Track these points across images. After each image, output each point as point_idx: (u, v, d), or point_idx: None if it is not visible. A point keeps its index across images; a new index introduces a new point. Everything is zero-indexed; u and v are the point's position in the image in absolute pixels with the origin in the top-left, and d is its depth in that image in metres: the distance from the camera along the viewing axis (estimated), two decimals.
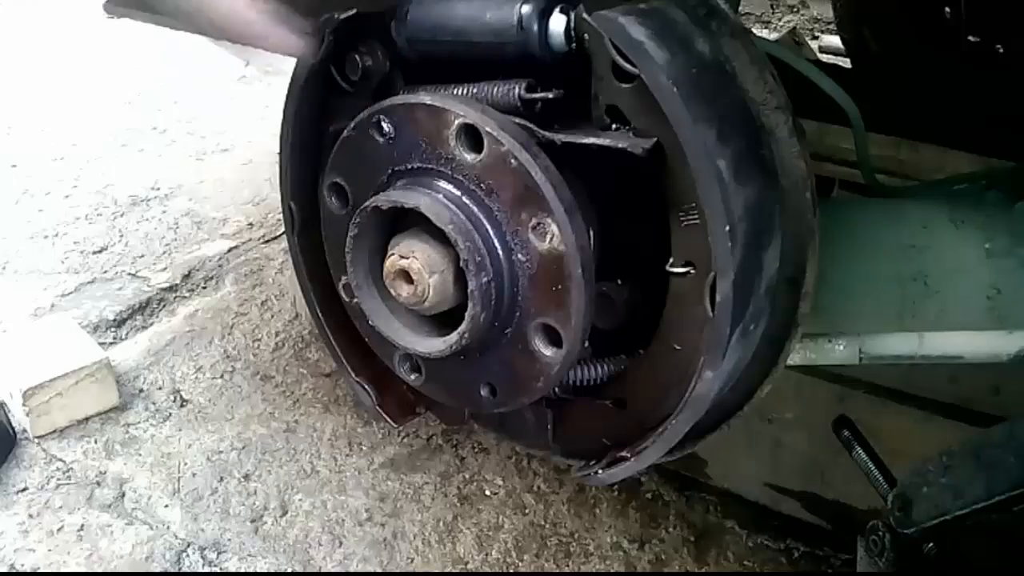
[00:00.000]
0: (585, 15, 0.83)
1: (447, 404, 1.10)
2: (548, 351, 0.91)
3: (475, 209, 0.89)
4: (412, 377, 1.06)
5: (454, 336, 0.93)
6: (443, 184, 0.91)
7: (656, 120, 0.81)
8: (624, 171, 0.90)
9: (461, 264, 0.89)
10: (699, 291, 0.86)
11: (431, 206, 0.89)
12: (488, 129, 0.86)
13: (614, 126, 0.85)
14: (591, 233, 0.91)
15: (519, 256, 0.89)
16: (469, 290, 0.89)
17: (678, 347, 0.91)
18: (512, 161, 0.85)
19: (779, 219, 0.91)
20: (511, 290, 0.90)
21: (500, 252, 0.89)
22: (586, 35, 0.84)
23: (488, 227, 0.89)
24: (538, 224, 0.86)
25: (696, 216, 0.83)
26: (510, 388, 0.97)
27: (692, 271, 0.86)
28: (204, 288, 3.03)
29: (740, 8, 1.59)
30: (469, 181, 0.89)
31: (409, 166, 0.93)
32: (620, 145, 0.83)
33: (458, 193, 0.90)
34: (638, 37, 0.78)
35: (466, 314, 0.91)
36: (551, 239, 0.86)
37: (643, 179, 0.87)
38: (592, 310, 0.89)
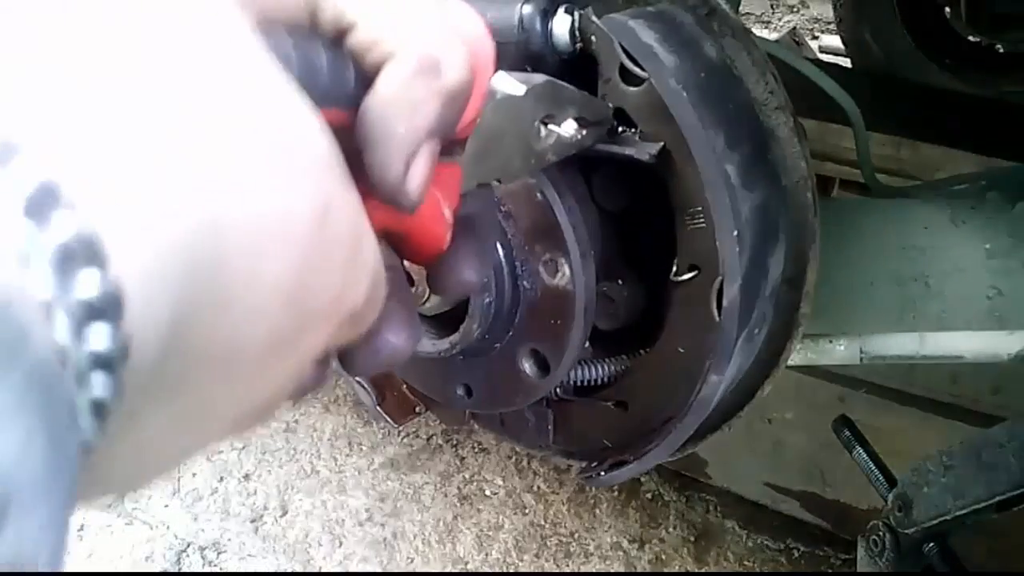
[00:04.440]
0: (593, 17, 0.82)
1: (422, 392, 1.09)
2: (533, 373, 0.92)
3: None
4: None
5: (445, 344, 0.92)
6: None
7: (663, 123, 0.81)
8: (629, 173, 0.90)
9: None
10: (704, 294, 0.85)
11: None
12: None
13: (620, 129, 0.85)
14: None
15: (524, 283, 0.88)
16: (469, 305, 0.89)
17: (681, 350, 0.91)
18: (538, 195, 0.84)
19: (783, 222, 0.91)
20: (510, 311, 0.90)
21: (506, 275, 0.88)
22: (593, 37, 0.83)
23: (499, 248, 0.88)
24: (550, 260, 0.85)
25: (702, 220, 0.83)
26: (488, 396, 0.97)
27: (697, 275, 0.86)
28: None
29: (740, 8, 1.60)
30: None
31: None
32: (627, 151, 0.83)
33: None
34: (647, 41, 0.78)
35: (462, 327, 0.90)
36: (561, 278, 0.85)
37: (648, 182, 0.87)
38: (585, 343, 0.89)
